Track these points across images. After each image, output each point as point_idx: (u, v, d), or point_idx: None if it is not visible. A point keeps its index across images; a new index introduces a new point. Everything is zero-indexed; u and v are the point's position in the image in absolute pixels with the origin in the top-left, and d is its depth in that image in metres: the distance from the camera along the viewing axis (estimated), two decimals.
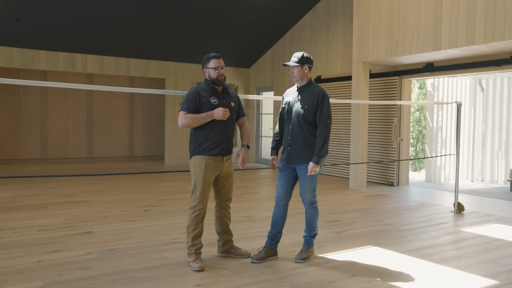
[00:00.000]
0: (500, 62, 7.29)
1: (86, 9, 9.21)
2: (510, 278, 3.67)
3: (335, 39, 10.16)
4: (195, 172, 3.77)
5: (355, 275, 3.66)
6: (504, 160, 9.83)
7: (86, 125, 12.86)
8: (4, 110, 11.82)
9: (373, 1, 7.97)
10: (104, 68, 11.52)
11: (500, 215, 6.30)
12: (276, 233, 4.04)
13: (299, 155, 3.93)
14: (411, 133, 14.17)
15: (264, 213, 6.06)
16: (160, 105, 13.63)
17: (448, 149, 10.00)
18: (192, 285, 3.38)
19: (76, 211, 5.97)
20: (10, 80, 3.63)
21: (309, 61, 4.00)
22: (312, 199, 4.00)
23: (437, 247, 4.57)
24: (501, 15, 6.09)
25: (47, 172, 10.20)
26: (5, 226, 5.11)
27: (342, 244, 4.59)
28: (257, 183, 9.20)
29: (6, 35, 9.85)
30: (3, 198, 6.84)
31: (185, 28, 10.57)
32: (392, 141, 8.96)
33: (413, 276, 3.68)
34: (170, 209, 6.22)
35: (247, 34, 11.44)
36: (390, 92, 9.03)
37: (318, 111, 3.89)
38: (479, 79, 10.10)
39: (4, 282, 3.39)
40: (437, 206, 6.88)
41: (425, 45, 7.13)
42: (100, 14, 9.47)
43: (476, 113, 10.26)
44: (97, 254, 4.11)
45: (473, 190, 8.73)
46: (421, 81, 13.94)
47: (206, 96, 3.78)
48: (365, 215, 6.10)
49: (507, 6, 6.03)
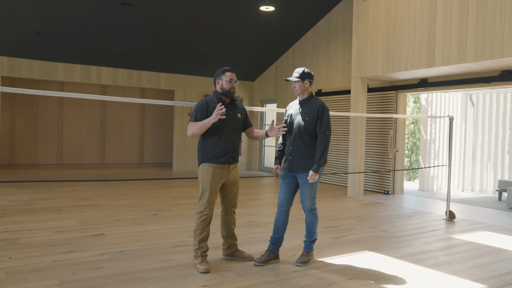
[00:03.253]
0: (489, 79, 7.31)
1: (101, 25, 9.30)
2: (498, 282, 3.66)
3: (335, 55, 10.21)
4: (203, 179, 3.78)
5: (352, 279, 3.66)
6: (493, 171, 9.81)
7: (99, 133, 12.91)
8: (24, 118, 11.90)
9: (371, 20, 8.02)
10: (117, 79, 11.59)
11: (489, 223, 6.28)
12: (278, 238, 4.04)
13: (300, 164, 3.93)
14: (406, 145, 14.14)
15: (267, 218, 6.06)
16: (169, 115, 13.69)
17: (441, 160, 9.99)
18: (198, 286, 3.38)
19: (89, 214, 6.00)
20: (30, 90, 3.67)
21: (310, 76, 4.03)
22: (312, 206, 4.00)
23: (430, 252, 4.57)
24: (490, 36, 6.13)
25: (62, 177, 10.22)
26: (24, 227, 5.13)
27: (340, 249, 4.58)
28: (260, 190, 9.20)
29: (27, 48, 9.95)
30: (21, 201, 6.87)
31: (194, 43, 10.65)
32: (388, 152, 8.97)
33: (407, 280, 3.68)
34: (177, 214, 6.23)
35: (252, 50, 11.51)
36: (387, 106, 9.05)
37: (318, 123, 3.90)
38: (470, 94, 10.12)
39: (23, 279, 3.41)
40: (430, 214, 6.87)
41: (420, 62, 7.16)
42: (114, 29, 9.57)
43: (467, 126, 10.26)
44: (109, 255, 4.12)
45: (463, 199, 8.70)
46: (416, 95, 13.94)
47: (214, 107, 3.77)
48: (362, 221, 6.10)
49: (496, 27, 6.07)
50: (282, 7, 9.47)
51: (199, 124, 3.70)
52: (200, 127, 3.70)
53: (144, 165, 13.57)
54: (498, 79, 7.17)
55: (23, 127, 11.89)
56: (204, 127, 3.68)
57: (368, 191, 9.29)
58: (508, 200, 7.71)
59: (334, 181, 10.33)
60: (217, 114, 3.59)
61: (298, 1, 9.43)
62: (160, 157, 13.84)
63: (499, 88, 7.93)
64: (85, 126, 12.70)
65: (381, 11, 7.83)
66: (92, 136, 12.79)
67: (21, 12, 8.53)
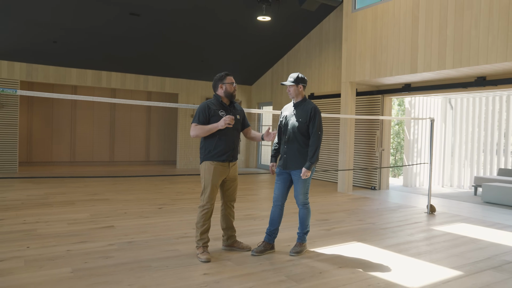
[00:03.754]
0: (466, 84, 7.33)
1: (111, 33, 9.28)
2: (473, 269, 3.68)
3: (326, 62, 10.21)
4: (205, 176, 3.77)
5: (341, 267, 3.67)
6: (469, 168, 9.85)
7: (109, 133, 12.88)
8: (40, 119, 11.86)
9: (359, 30, 8.03)
10: (125, 83, 11.56)
11: (465, 215, 6.31)
12: (274, 230, 4.03)
13: (294, 162, 3.93)
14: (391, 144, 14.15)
15: (263, 212, 6.06)
16: (173, 117, 13.66)
17: (423, 158, 10.02)
18: (200, 274, 3.38)
19: (100, 208, 5.99)
20: (46, 93, 3.65)
21: (303, 80, 4.03)
22: (305, 201, 4.00)
23: (412, 243, 4.58)
24: (467, 45, 6.15)
25: (75, 173, 10.20)
26: (40, 219, 5.13)
27: (330, 240, 4.59)
28: (257, 186, 9.20)
29: (44, 55, 9.93)
30: (38, 195, 6.86)
31: (196, 50, 10.63)
32: (375, 150, 8.98)
33: (392, 268, 3.69)
34: (181, 208, 6.22)
35: (250, 56, 11.50)
36: (374, 108, 9.07)
37: (311, 124, 3.89)
38: (449, 98, 10.14)
39: (39, 267, 3.41)
40: (412, 208, 6.88)
41: (404, 69, 7.17)
42: (123, 38, 9.54)
43: (446, 127, 10.29)
44: (118, 245, 4.12)
45: (443, 194, 8.73)
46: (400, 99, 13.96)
47: (215, 109, 3.78)
48: (351, 215, 6.10)
49: (471, 38, 6.09)
50: (277, 17, 9.46)
51: (205, 128, 3.70)
52: (206, 131, 3.70)
53: (150, 163, 13.54)
54: (474, 85, 7.19)
55: (39, 128, 11.86)
56: (210, 131, 3.70)
57: (356, 186, 9.31)
58: (483, 195, 7.74)
59: (325, 177, 10.34)
60: (225, 123, 3.61)
61: (292, 12, 9.43)
62: (165, 155, 13.81)
63: (475, 92, 7.97)
64: (96, 127, 12.67)
65: (369, 21, 7.83)
66: (102, 135, 12.76)
67: (38, 23, 8.51)
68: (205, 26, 9.46)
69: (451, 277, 3.49)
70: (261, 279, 3.31)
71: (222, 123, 3.63)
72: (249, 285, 3.16)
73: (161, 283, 3.15)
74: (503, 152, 9.38)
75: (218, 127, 3.66)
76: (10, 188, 7.61)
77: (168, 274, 3.34)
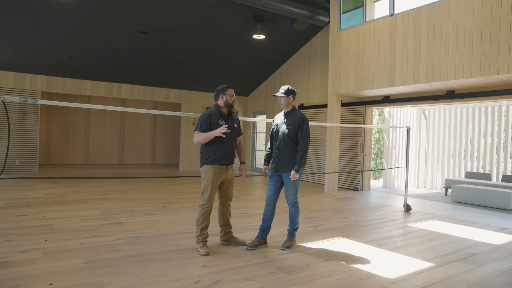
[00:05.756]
0: (438, 97, 7.39)
1: (122, 49, 9.27)
2: (443, 261, 3.70)
3: (314, 75, 10.26)
4: (205, 178, 3.77)
5: (327, 260, 3.67)
6: (441, 171, 9.91)
7: (119, 138, 12.84)
8: (58, 125, 11.81)
9: (344, 47, 8.09)
10: (134, 94, 11.55)
11: (437, 213, 6.34)
12: (266, 226, 4.04)
13: (284, 165, 3.94)
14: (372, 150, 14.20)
15: (257, 210, 6.06)
16: (177, 124, 13.65)
17: (400, 163, 10.07)
18: (199, 266, 3.37)
19: (110, 206, 5.96)
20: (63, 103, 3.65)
21: (293, 92, 4.04)
22: (294, 200, 4.00)
23: (390, 238, 4.60)
24: (438, 62, 6.22)
25: (89, 174, 10.15)
26: (57, 215, 5.10)
27: (317, 236, 4.60)
28: (252, 187, 9.19)
29: (62, 68, 9.91)
30: (55, 194, 6.82)
31: (198, 65, 10.65)
32: (357, 155, 9.01)
33: (372, 260, 3.71)
34: (183, 206, 6.21)
35: (246, 70, 11.54)
36: (357, 118, 9.11)
37: (299, 131, 3.90)
38: (423, 109, 10.22)
39: (56, 258, 3.39)
40: (391, 207, 6.90)
41: (383, 82, 7.22)
42: (132, 53, 9.54)
43: (420, 135, 10.35)
44: (126, 240, 4.11)
45: (418, 194, 8.77)
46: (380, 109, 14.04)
47: (216, 118, 3.79)
48: (336, 213, 6.11)
49: (441, 56, 6.16)
50: (271, 35, 9.51)
51: (204, 135, 3.71)
52: (205, 138, 3.71)
53: (156, 165, 13.50)
54: (444, 97, 7.26)
55: (57, 133, 11.80)
56: (208, 138, 3.71)
57: (341, 188, 9.32)
58: (452, 195, 7.78)
59: (313, 179, 10.36)
60: (221, 132, 3.62)
61: (284, 31, 9.48)
62: (169, 159, 13.78)
63: (445, 104, 8.03)
64: (108, 132, 12.62)
65: (352, 40, 7.89)
66: (113, 140, 12.72)
67: (57, 40, 8.49)
68: (206, 43, 9.48)
69: (424, 268, 3.51)
70: (255, 270, 3.30)
71: (217, 132, 3.64)
72: (243, 276, 3.16)
73: (164, 274, 3.14)
74: (470, 157, 9.46)
75: (214, 134, 3.67)
76: (31, 187, 7.56)
77: (171, 266, 3.33)
